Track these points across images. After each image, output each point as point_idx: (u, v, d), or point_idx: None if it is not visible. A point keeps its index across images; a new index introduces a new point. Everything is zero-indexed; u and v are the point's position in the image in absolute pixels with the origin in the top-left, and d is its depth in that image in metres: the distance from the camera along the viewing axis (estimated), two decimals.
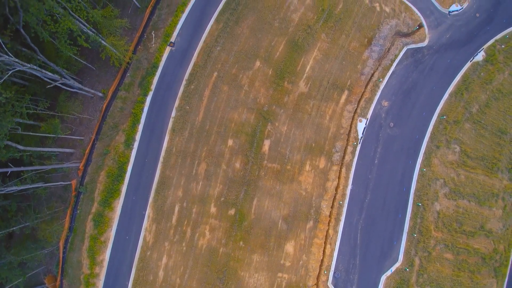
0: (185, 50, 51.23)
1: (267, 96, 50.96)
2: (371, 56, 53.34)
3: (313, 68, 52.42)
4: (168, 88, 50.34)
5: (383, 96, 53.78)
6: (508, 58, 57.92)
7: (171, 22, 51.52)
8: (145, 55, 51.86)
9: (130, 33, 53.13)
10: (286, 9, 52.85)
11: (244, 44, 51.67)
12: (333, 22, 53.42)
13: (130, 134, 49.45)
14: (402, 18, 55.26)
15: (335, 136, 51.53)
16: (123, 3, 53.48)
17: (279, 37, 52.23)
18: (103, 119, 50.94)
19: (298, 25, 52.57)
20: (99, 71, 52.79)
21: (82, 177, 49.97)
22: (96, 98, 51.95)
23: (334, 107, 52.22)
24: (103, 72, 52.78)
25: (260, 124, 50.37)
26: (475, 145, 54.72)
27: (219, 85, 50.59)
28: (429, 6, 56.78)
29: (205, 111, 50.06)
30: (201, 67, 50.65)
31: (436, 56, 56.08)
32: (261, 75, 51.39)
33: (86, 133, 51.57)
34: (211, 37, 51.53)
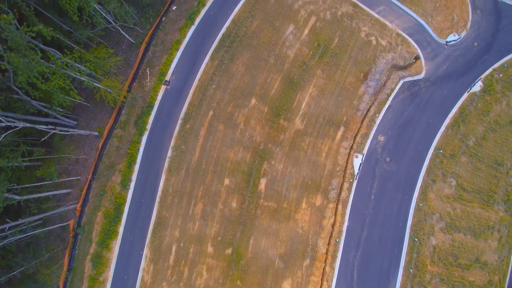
0: (181, 88, 51.07)
1: (263, 134, 50.94)
2: (367, 92, 53.16)
3: (309, 105, 52.29)
4: (164, 128, 50.29)
5: (379, 131, 53.72)
6: (506, 88, 57.73)
7: (166, 60, 51.28)
8: (140, 93, 51.71)
9: (124, 70, 52.93)
10: (281, 45, 52.53)
11: (239, 82, 51.48)
12: (328, 57, 53.11)
13: (126, 174, 49.56)
14: (399, 51, 54.93)
15: (331, 173, 51.62)
16: (117, 38, 53.21)
17: (275, 74, 52.00)
18: (99, 158, 51.01)
19: (293, 62, 52.30)
20: (95, 108, 52.70)
21: (79, 218, 50.22)
22: (92, 136, 51.96)
23: (330, 143, 52.21)
24: (99, 109, 52.70)
25: (256, 162, 50.44)
26: (471, 178, 54.80)
27: (214, 124, 50.53)
28: (426, 37, 56.39)
29: (201, 151, 50.09)
30: (197, 106, 50.54)
31: (433, 89, 55.86)
32: (257, 112, 51.29)
33: (83, 172, 51.67)
34: (206, 75, 51.31)
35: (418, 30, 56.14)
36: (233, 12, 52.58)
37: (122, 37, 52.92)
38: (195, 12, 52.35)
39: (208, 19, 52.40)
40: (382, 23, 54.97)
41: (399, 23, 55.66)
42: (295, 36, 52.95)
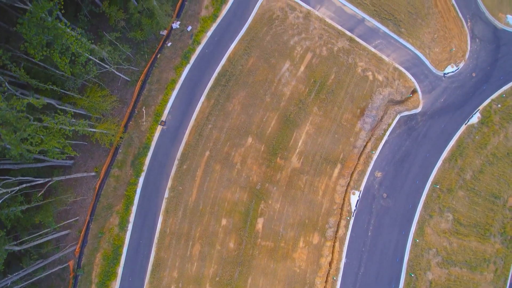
0: (177, 128, 50.99)
1: (260, 174, 51.01)
2: (363, 128, 53.01)
3: (306, 143, 52.23)
4: (161, 169, 50.36)
5: (376, 167, 53.74)
6: (504, 119, 57.53)
7: (161, 100, 51.11)
8: (136, 133, 51.66)
9: (120, 108, 52.73)
10: (277, 83, 52.24)
11: (235, 121, 51.36)
12: (325, 94, 52.85)
13: (124, 216, 49.82)
14: (396, 86, 54.60)
15: (329, 211, 51.81)
16: (111, 76, 52.88)
17: (271, 112, 51.83)
18: (96, 199, 51.19)
19: (289, 99, 52.08)
20: (91, 146, 52.60)
21: (79, 259, 50.63)
22: (89, 176, 52.08)
23: (327, 181, 52.28)
24: (95, 147, 52.64)
25: (253, 202, 50.61)
26: (468, 213, 54.97)
27: (211, 164, 50.58)
28: (423, 70, 56.00)
29: (198, 191, 50.24)
30: (193, 147, 50.53)
31: (430, 122, 55.69)
32: (254, 151, 51.28)
33: (81, 212, 51.89)
34: (202, 114, 51.18)
35: (415, 63, 55.72)
36: (228, 50, 52.19)
37: (117, 75, 52.69)
38: (190, 51, 51.97)
39: (204, 58, 52.05)
40: (379, 57, 54.54)
41: (396, 56, 55.22)
42: (291, 73, 52.62)
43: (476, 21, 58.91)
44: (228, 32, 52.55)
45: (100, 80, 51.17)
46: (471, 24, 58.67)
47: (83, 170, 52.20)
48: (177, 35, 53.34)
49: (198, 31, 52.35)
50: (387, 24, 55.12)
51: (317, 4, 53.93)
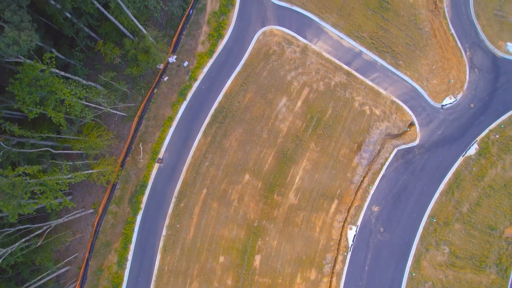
0: (174, 166, 51.09)
1: (257, 211, 51.25)
2: (360, 163, 53.06)
3: (303, 179, 52.33)
4: (158, 207, 50.61)
5: (373, 202, 53.90)
6: (501, 150, 57.45)
7: (158, 138, 51.12)
8: (134, 170, 51.79)
9: (117, 144, 52.73)
10: (274, 119, 52.15)
11: (232, 158, 51.42)
12: (322, 129, 52.77)
13: (122, 254, 50.23)
14: (393, 120, 54.46)
15: (325, 247, 52.16)
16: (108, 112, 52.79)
17: (268, 148, 51.84)
18: (95, 235, 51.55)
19: (286, 135, 52.03)
20: (88, 182, 52.81)
21: None
22: (88, 212, 52.39)
23: (324, 217, 52.54)
24: (93, 183, 52.84)
25: (251, 239, 50.95)
26: (464, 245, 55.26)
27: (208, 202, 50.80)
28: (421, 103, 55.79)
29: (196, 229, 50.56)
30: (190, 185, 50.69)
31: (428, 155, 55.67)
32: (251, 188, 51.44)
33: (80, 248, 52.30)
34: (199, 151, 51.23)
35: (413, 96, 55.47)
36: (225, 86, 52.03)
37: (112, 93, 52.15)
38: (186, 88, 51.80)
39: (200, 94, 51.91)
40: (376, 91, 54.29)
41: (394, 89, 54.95)
42: (288, 108, 52.48)
43: (475, 50, 58.45)
44: (224, 68, 52.30)
45: (96, 117, 51.15)
46: (470, 54, 58.22)
47: (81, 206, 52.50)
48: (173, 69, 53.13)
49: (194, 67, 52.11)
50: (385, 57, 54.75)
51: (314, 38, 53.52)
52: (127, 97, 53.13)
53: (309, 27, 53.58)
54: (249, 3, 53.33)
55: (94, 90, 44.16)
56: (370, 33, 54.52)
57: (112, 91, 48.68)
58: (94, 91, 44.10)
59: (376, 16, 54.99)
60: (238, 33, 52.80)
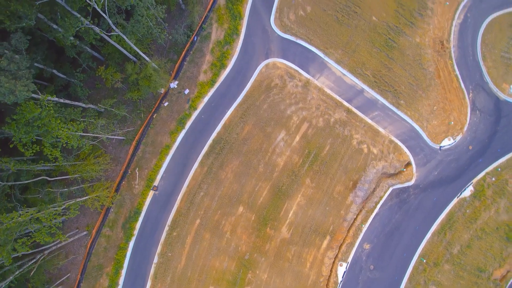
0: (169, 194, 51.30)
1: (249, 243, 51.58)
2: (355, 201, 53.23)
3: (296, 214, 52.57)
4: (151, 234, 50.96)
5: (365, 239, 54.19)
6: (496, 194, 57.52)
7: (155, 165, 51.25)
8: (128, 195, 52.02)
9: (114, 167, 52.85)
10: (271, 152, 52.17)
11: (228, 189, 51.59)
12: (318, 165, 52.83)
13: (113, 279, 50.73)
14: (390, 160, 54.45)
15: (315, 283, 52.60)
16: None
17: (263, 182, 51.97)
18: (87, 257, 52.03)
19: (283, 170, 52.11)
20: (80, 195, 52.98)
21: None
22: (81, 235, 52.76)
23: (315, 253, 52.88)
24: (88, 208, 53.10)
25: (241, 272, 51.38)
26: (452, 286, 55.72)
27: (201, 232, 51.11)
28: (419, 143, 55.71)
29: (187, 258, 50.96)
30: (184, 214, 50.96)
31: (422, 195, 55.78)
32: (244, 220, 51.71)
33: (72, 269, 52.79)
34: (195, 181, 51.38)
35: (412, 136, 55.38)
36: (224, 117, 51.97)
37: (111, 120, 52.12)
38: (186, 116, 51.76)
39: (199, 123, 51.88)
40: (375, 129, 54.19)
41: (393, 128, 54.83)
42: (286, 142, 52.46)
43: (478, 92, 58.18)
44: (225, 99, 52.18)
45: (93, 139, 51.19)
46: (472, 95, 57.97)
47: (75, 227, 52.83)
48: (174, 95, 53.03)
49: (195, 96, 52.00)
50: (387, 96, 54.54)
51: (316, 73, 53.26)
52: (126, 121, 53.10)
53: (312, 62, 53.29)
54: (254, 34, 52.99)
55: (92, 123, 44.09)
56: (373, 71, 54.22)
57: (111, 116, 48.65)
58: (93, 124, 44.07)
59: (381, 54, 54.64)
60: (241, 64, 52.55)
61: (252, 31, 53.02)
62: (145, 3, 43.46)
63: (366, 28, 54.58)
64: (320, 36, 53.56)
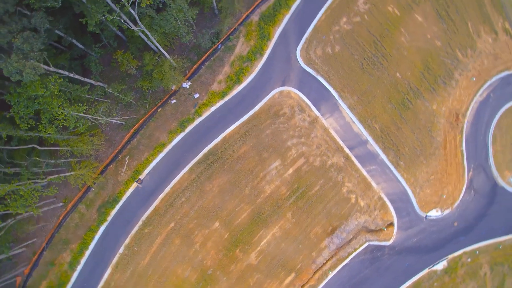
0: (151, 191, 51.37)
1: (215, 260, 51.75)
2: (328, 247, 53.30)
3: (269, 243, 52.65)
4: (123, 224, 51.10)
5: (328, 285, 54.28)
6: (468, 275, 57.62)
7: (145, 159, 51.23)
8: (112, 180, 52.04)
9: (106, 148, 52.62)
10: (261, 178, 52.14)
11: (209, 202, 51.64)
12: (303, 203, 52.82)
13: (76, 257, 50.95)
14: (374, 216, 54.43)
15: None
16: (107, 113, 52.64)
17: (246, 204, 52.00)
18: (57, 228, 52.22)
19: (267, 198, 52.13)
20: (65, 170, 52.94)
21: (26, 278, 52.07)
22: (57, 206, 52.94)
23: (277, 286, 53.03)
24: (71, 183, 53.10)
25: (200, 285, 51.59)
26: None
27: (172, 236, 51.26)
28: (407, 207, 55.64)
29: (152, 258, 51.16)
30: (161, 214, 51.07)
31: (396, 258, 55.81)
32: (217, 236, 51.82)
33: (39, 235, 52.90)
34: (180, 185, 51.41)
35: (402, 198, 55.30)
36: (226, 131, 51.86)
37: (114, 106, 52.05)
38: (188, 120, 51.65)
39: (199, 130, 51.79)
40: (368, 183, 54.09)
41: (386, 186, 54.74)
42: (279, 172, 52.40)
43: (479, 172, 58.01)
44: (231, 114, 52.04)
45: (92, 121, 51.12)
46: (472, 174, 57.80)
47: (53, 196, 52.91)
48: (183, 95, 52.88)
49: (203, 103, 51.85)
50: (388, 153, 54.36)
51: (327, 112, 53.06)
52: (130, 106, 52.97)
53: (326, 101, 53.07)
54: (278, 58, 52.72)
55: (95, 106, 44.07)
56: (382, 126, 54.02)
57: (116, 100, 48.57)
58: (95, 107, 44.04)
59: (395, 111, 54.39)
60: (257, 84, 52.34)
61: (276, 55, 52.72)
62: (178, 5, 43.20)
63: (387, 82, 54.27)
64: (340, 78, 53.28)
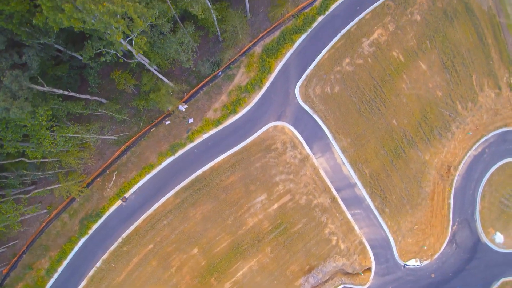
0: (134, 210, 51.65)
1: (189, 285, 52.18)
2: (303, 286, 53.63)
3: (245, 275, 53.01)
4: (103, 240, 51.50)
5: None
6: None
7: (132, 179, 51.44)
8: (98, 194, 52.34)
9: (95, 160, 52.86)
10: (245, 210, 52.32)
11: (191, 228, 51.93)
12: (284, 239, 53.04)
13: (53, 265, 51.50)
14: (352, 260, 54.62)
15: None
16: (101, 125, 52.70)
17: (227, 234, 52.26)
18: (39, 234, 52.75)
19: (249, 231, 52.35)
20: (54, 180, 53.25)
21: (4, 278, 52.80)
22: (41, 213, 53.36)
23: None
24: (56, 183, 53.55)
25: None
26: None
27: (150, 257, 51.67)
28: (386, 254, 55.79)
29: (127, 276, 51.65)
30: (141, 235, 51.43)
31: None
32: (194, 262, 52.20)
33: (21, 238, 53.47)
34: (163, 208, 51.68)
35: (382, 245, 55.42)
36: (215, 160, 51.91)
37: (107, 123, 52.22)
38: (180, 145, 51.69)
39: (190, 156, 51.86)
40: (351, 226, 54.20)
41: (368, 231, 54.83)
42: (263, 206, 52.55)
43: (463, 227, 57.96)
44: (223, 143, 52.02)
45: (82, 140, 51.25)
46: (456, 228, 57.78)
47: (38, 201, 53.39)
48: (178, 117, 52.86)
49: (196, 129, 51.82)
50: (375, 199, 54.35)
51: (319, 152, 52.97)
52: (124, 123, 53.03)
53: (319, 140, 52.96)
54: (276, 92, 52.51)
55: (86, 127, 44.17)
56: (372, 171, 53.93)
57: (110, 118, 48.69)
58: (86, 128, 44.14)
59: (386, 158, 54.24)
60: (252, 116, 52.21)
61: (275, 89, 52.51)
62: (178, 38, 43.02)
63: (382, 128, 54.05)
64: (336, 118, 53.08)
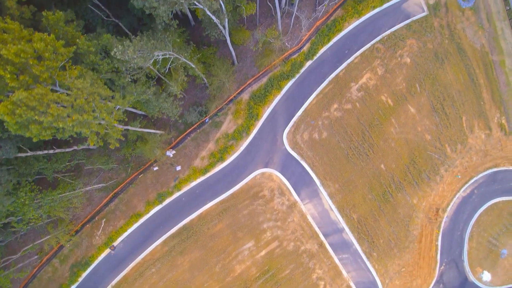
0: (123, 259, 51.94)
1: None
2: None
3: None
4: (93, 287, 51.90)
5: None
6: None
7: (120, 228, 51.66)
8: (87, 241, 52.62)
9: (84, 206, 53.09)
10: (233, 257, 52.60)
11: (178, 275, 52.27)
12: (272, 285, 53.42)
13: None
14: None
15: None
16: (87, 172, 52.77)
17: (214, 282, 52.62)
18: (32, 279, 53.09)
19: (237, 278, 52.70)
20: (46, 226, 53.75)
21: None
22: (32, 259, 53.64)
23: None
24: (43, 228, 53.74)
25: None
26: None
27: None
28: None
29: None
30: (129, 283, 51.80)
31: None
32: None
33: (14, 281, 53.84)
34: (151, 256, 51.97)
35: None
36: (203, 208, 52.08)
37: (95, 173, 52.46)
38: (167, 194, 51.78)
39: (177, 204, 52.01)
40: (339, 271, 54.54)
41: (355, 275, 55.19)
42: (251, 253, 52.83)
43: (450, 267, 58.33)
44: (210, 190, 52.11)
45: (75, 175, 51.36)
46: (444, 269, 58.14)
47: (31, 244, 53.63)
48: (166, 164, 52.89)
49: (184, 178, 51.85)
50: (363, 243, 54.63)
51: (306, 198, 53.09)
52: (111, 170, 53.07)
53: (307, 187, 53.03)
54: (263, 139, 52.44)
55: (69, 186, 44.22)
56: (360, 216, 54.12)
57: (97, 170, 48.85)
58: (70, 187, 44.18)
59: (374, 203, 54.39)
60: (240, 163, 52.21)
61: (262, 136, 52.43)
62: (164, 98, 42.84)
63: (370, 174, 54.09)
64: (324, 165, 53.09)
